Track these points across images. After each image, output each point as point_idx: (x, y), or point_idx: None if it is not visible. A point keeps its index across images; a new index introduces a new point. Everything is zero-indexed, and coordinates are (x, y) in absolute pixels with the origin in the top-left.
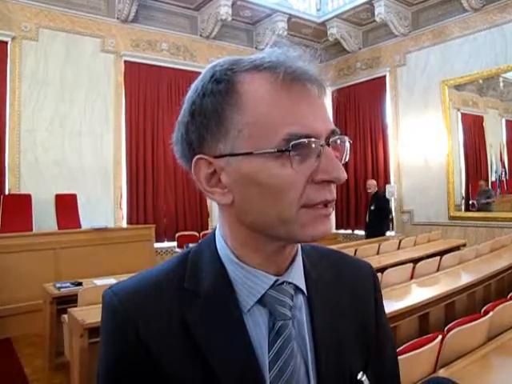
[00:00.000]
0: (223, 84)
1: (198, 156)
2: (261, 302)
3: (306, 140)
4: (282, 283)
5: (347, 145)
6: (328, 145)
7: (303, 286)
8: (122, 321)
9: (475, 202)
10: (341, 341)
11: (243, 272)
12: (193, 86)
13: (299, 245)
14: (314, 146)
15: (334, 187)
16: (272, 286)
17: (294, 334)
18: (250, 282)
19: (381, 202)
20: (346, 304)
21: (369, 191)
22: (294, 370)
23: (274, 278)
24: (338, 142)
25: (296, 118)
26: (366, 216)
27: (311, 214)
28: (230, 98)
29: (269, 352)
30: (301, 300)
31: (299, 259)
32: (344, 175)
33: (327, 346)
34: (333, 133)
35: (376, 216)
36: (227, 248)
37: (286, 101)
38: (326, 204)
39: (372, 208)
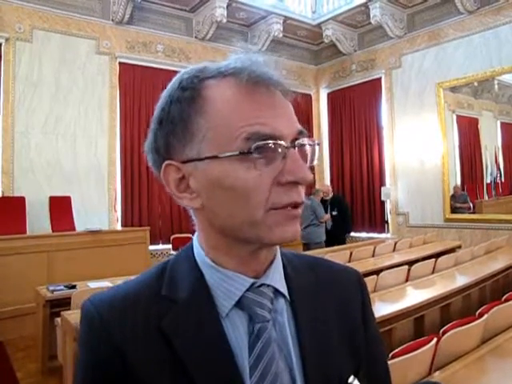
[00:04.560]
0: (189, 91)
1: (166, 162)
2: (239, 305)
3: (269, 142)
4: (261, 286)
5: (315, 147)
6: (294, 147)
7: (284, 290)
8: (97, 329)
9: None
10: (328, 345)
11: (219, 275)
12: (162, 95)
13: (278, 250)
14: (278, 148)
15: (301, 189)
16: (250, 289)
17: (274, 337)
18: (226, 285)
19: (344, 205)
20: (331, 309)
21: (327, 198)
22: (277, 374)
23: (252, 281)
24: (306, 144)
25: (258, 119)
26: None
27: (279, 216)
28: (195, 104)
29: (249, 357)
30: (282, 303)
31: (278, 263)
32: (310, 176)
33: (313, 350)
34: (300, 134)
35: (341, 221)
36: (203, 253)
37: (249, 104)
38: (294, 206)
39: (334, 213)
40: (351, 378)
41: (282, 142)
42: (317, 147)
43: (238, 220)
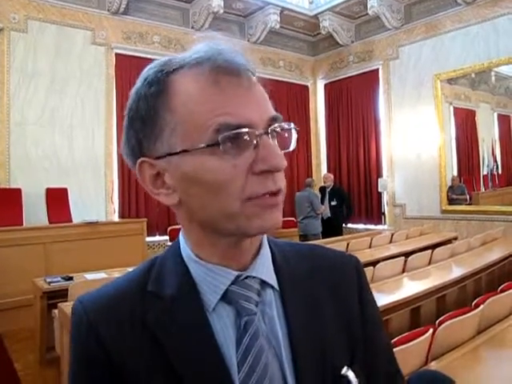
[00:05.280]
0: (154, 86)
1: (140, 159)
2: (225, 299)
3: (238, 131)
4: (246, 278)
5: (292, 131)
6: (267, 133)
7: (272, 281)
8: (84, 328)
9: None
10: (320, 336)
11: (204, 270)
12: (131, 93)
13: (265, 239)
14: (247, 136)
15: (279, 176)
16: (235, 282)
17: (262, 330)
18: (211, 279)
19: (343, 196)
20: (324, 298)
21: (325, 185)
22: (266, 367)
23: (236, 273)
24: (279, 130)
25: (225, 110)
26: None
27: (257, 206)
28: (161, 99)
29: (237, 351)
30: (270, 295)
31: (265, 253)
32: (283, 163)
33: (305, 342)
34: (274, 120)
35: (340, 212)
36: (188, 248)
37: (214, 95)
38: (274, 194)
39: (333, 203)
40: (344, 369)
41: (252, 130)
42: (293, 131)
43: (215, 213)
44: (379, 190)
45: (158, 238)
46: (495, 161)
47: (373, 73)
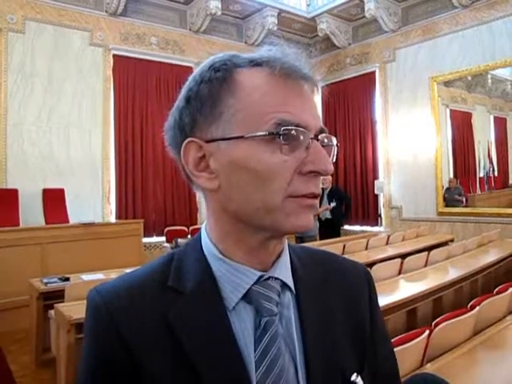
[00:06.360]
0: (221, 72)
1: (189, 139)
2: (246, 298)
3: (295, 129)
4: (268, 279)
5: (335, 148)
6: (317, 140)
7: (291, 283)
8: (103, 320)
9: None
10: (332, 340)
11: (227, 267)
12: (191, 77)
13: (286, 243)
14: (303, 137)
15: (320, 181)
16: (257, 282)
17: (280, 331)
18: (234, 278)
19: (342, 196)
20: (336, 304)
21: (323, 187)
22: (282, 369)
23: (259, 273)
24: (326, 140)
25: (288, 108)
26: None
27: (297, 204)
28: (226, 85)
29: (255, 351)
30: (288, 297)
31: (286, 256)
32: (331, 168)
33: (317, 346)
34: (321, 131)
35: (339, 212)
36: (211, 244)
37: (280, 92)
38: (313, 196)
39: (333, 204)
40: (354, 376)
41: (308, 132)
42: (336, 148)
43: (255, 204)
44: (376, 191)
45: (155, 238)
46: (491, 163)
47: (370, 75)
